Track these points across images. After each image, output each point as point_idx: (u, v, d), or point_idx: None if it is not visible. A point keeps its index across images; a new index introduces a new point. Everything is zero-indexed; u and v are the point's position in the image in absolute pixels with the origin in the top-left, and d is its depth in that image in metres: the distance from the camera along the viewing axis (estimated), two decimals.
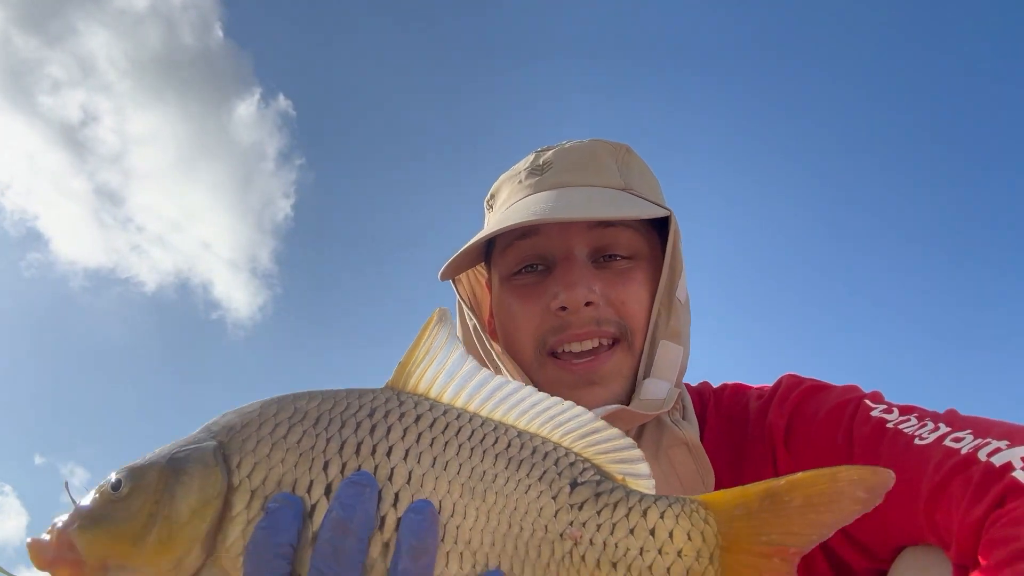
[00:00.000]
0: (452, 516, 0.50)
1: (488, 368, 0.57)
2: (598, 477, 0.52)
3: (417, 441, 0.52)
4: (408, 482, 0.50)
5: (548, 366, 0.88)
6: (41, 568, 0.49)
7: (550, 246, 0.89)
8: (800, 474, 0.47)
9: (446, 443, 0.52)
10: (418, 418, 0.53)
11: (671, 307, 0.89)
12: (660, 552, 0.49)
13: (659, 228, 0.95)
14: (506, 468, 0.51)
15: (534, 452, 0.52)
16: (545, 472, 0.52)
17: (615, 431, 0.53)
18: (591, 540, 0.50)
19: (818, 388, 0.88)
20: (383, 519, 0.49)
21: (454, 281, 1.01)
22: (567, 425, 0.54)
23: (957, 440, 0.72)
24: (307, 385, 0.57)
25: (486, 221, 1.02)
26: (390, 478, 0.50)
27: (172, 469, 0.51)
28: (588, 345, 0.87)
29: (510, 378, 0.56)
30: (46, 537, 0.50)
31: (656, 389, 0.86)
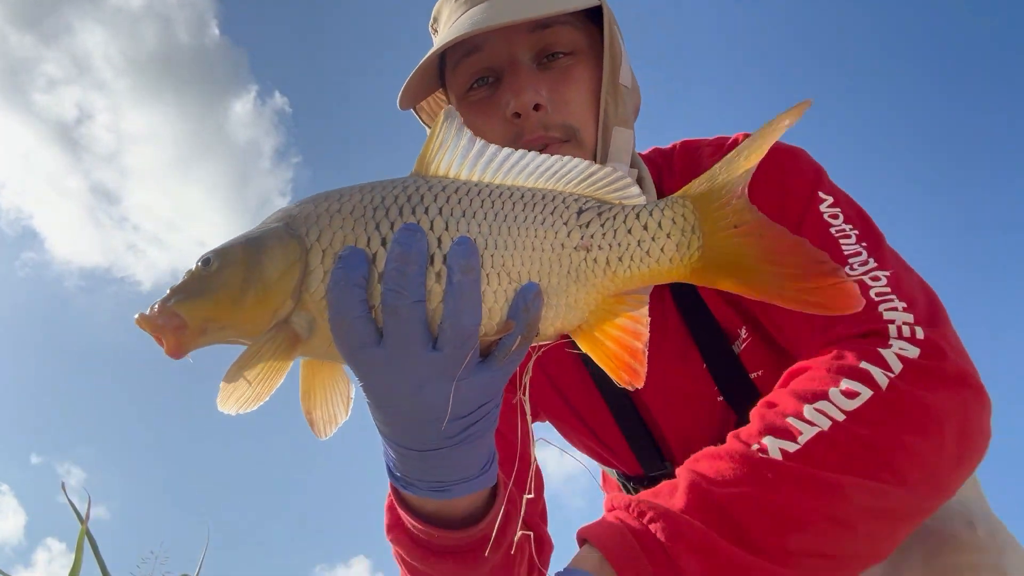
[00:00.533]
0: (487, 248, 0.61)
1: None
2: (599, 204, 0.64)
3: (447, 201, 0.63)
4: (446, 228, 0.62)
5: None
6: (150, 332, 0.58)
7: (495, 57, 0.94)
8: (745, 141, 0.60)
9: (471, 200, 0.63)
10: (444, 187, 0.64)
11: (617, 94, 0.94)
12: (653, 239, 0.62)
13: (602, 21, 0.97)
14: (523, 210, 0.63)
15: (543, 197, 0.64)
16: (555, 208, 0.64)
17: (608, 168, 0.65)
18: (599, 246, 0.62)
19: (777, 150, 0.94)
20: (431, 257, 0.61)
21: (416, 111, 1.05)
22: (568, 175, 0.66)
23: (874, 280, 0.82)
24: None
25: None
26: (431, 227, 0.62)
27: (254, 246, 0.61)
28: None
29: (514, 150, 0.67)
30: (149, 310, 0.59)
31: None
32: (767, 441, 0.70)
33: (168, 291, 0.61)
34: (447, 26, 0.98)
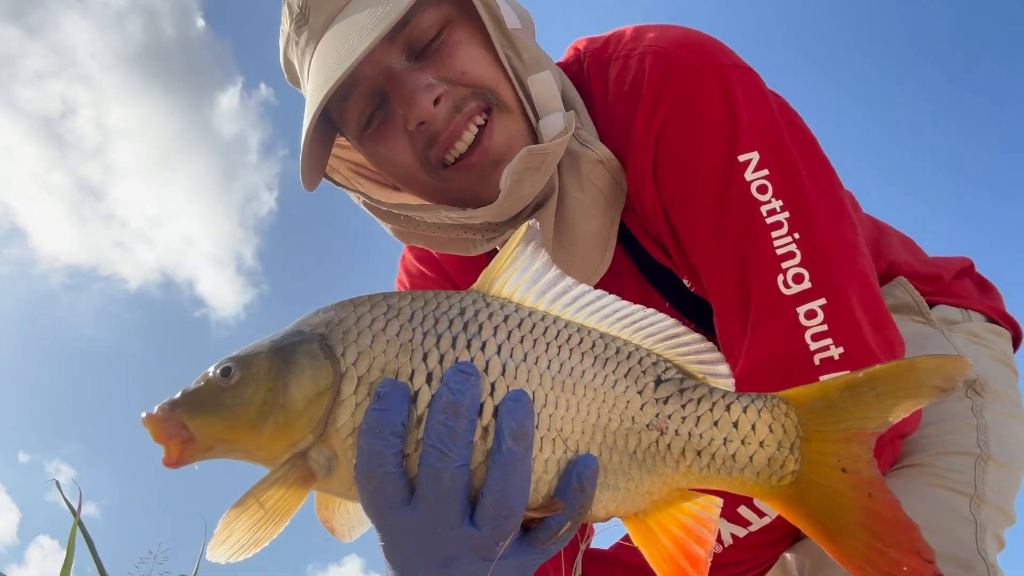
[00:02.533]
0: (544, 406, 0.53)
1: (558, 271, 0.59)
2: (681, 375, 0.55)
3: (508, 338, 0.54)
4: (503, 374, 0.53)
5: (450, 178, 0.87)
6: (154, 438, 0.51)
7: (371, 83, 0.85)
8: (878, 366, 0.50)
9: (535, 340, 0.54)
10: (506, 317, 0.55)
11: (513, 43, 0.85)
12: (743, 443, 0.52)
13: None
14: (592, 365, 0.54)
15: (618, 352, 0.55)
16: (630, 369, 0.55)
17: (696, 335, 0.56)
18: (676, 431, 0.53)
19: (685, 101, 0.86)
20: (481, 406, 0.52)
21: (327, 177, 0.96)
22: (648, 329, 0.56)
23: (810, 316, 0.78)
24: None
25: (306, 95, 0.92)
26: (485, 370, 0.53)
27: (281, 360, 0.53)
28: (469, 137, 0.84)
29: (590, 287, 0.58)
30: (157, 413, 0.52)
31: (553, 124, 0.85)
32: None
33: (180, 393, 0.53)
34: (305, 74, 0.88)
